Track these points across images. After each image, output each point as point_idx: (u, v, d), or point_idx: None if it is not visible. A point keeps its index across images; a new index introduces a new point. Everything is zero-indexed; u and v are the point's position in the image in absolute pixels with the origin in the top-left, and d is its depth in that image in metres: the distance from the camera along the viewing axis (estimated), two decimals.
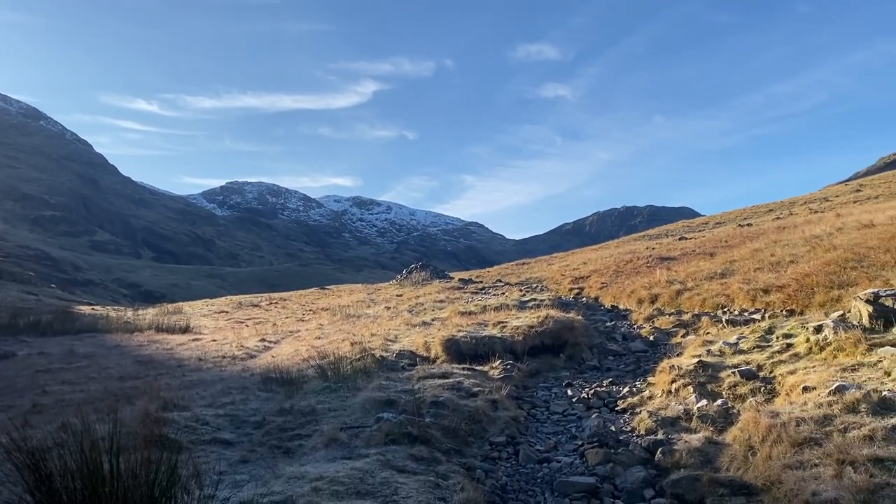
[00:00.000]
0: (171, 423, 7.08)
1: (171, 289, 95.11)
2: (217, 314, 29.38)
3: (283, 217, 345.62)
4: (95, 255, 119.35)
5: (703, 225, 45.65)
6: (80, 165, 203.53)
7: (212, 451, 6.41)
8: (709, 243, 24.77)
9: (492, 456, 6.39)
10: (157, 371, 12.99)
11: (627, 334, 12.41)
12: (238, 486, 5.07)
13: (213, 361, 13.73)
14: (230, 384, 10.12)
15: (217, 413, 7.86)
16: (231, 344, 16.46)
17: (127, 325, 23.49)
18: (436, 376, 8.83)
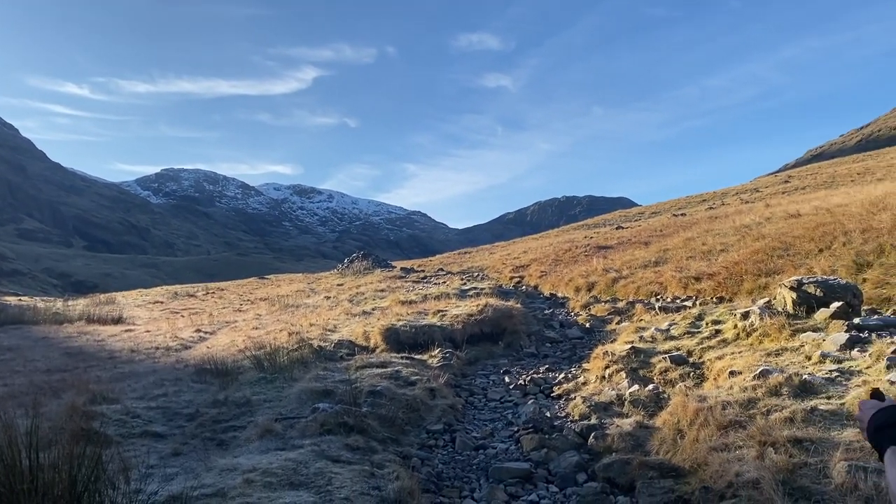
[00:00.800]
0: (100, 416, 6.87)
1: (104, 279, 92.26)
2: (152, 304, 28.64)
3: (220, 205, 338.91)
4: (23, 244, 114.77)
5: (640, 215, 46.67)
6: (5, 150, 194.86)
7: (142, 444, 6.24)
8: (644, 233, 25.33)
9: (428, 444, 6.41)
10: (87, 363, 12.58)
11: (565, 321, 12.61)
12: (168, 479, 4.96)
13: (147, 353, 13.37)
14: (163, 376, 9.87)
15: (149, 405, 7.66)
16: (165, 335, 16.06)
17: (56, 317, 22.66)
18: (374, 365, 8.80)
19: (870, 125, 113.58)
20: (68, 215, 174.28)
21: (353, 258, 35.58)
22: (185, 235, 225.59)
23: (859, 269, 9.82)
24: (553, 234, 45.01)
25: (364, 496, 4.42)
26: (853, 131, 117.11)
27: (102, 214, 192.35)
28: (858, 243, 10.83)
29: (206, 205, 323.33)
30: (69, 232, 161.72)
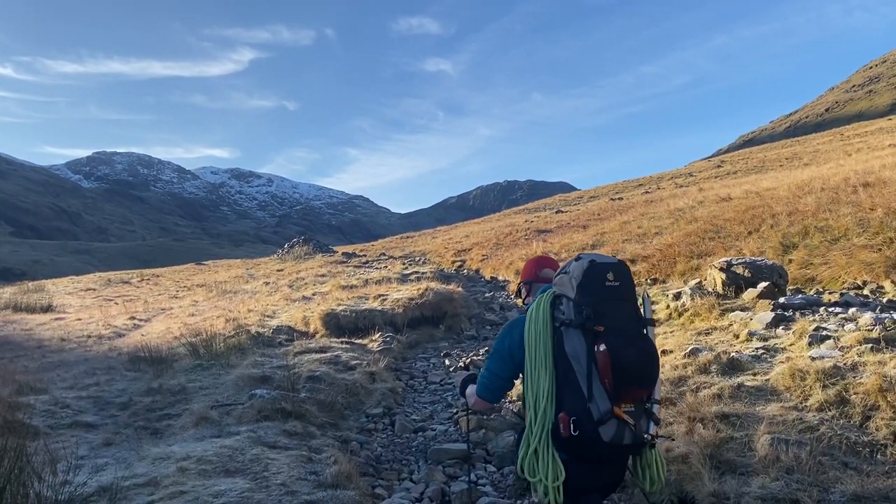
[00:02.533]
0: (27, 407, 6.64)
1: (32, 266, 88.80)
2: (84, 292, 27.73)
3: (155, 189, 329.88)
4: None
5: (579, 199, 47.38)
6: None
7: (72, 435, 6.06)
8: (583, 216, 25.75)
9: (368, 428, 6.41)
10: (14, 353, 12.11)
11: (504, 304, 12.75)
12: (99, 470, 4.83)
13: (78, 341, 12.95)
14: (95, 365, 9.60)
15: (79, 395, 7.44)
16: (98, 323, 15.59)
17: None
18: (314, 351, 8.74)
19: (797, 112, 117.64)
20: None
21: (294, 243, 35.16)
22: (118, 221, 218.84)
23: (786, 250, 10.20)
24: (495, 219, 45.35)
25: (301, 481, 4.39)
26: (782, 118, 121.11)
27: (30, 199, 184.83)
28: (785, 226, 11.24)
29: (140, 189, 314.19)
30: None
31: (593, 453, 2.66)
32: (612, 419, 2.56)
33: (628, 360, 2.55)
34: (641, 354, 2.63)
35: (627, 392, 2.59)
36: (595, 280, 2.69)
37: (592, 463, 2.72)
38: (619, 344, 2.56)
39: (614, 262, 2.80)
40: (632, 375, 2.57)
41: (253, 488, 4.20)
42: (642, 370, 2.61)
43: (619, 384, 2.55)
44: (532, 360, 2.76)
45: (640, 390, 2.64)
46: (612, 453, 2.68)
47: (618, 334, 2.60)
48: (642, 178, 53.00)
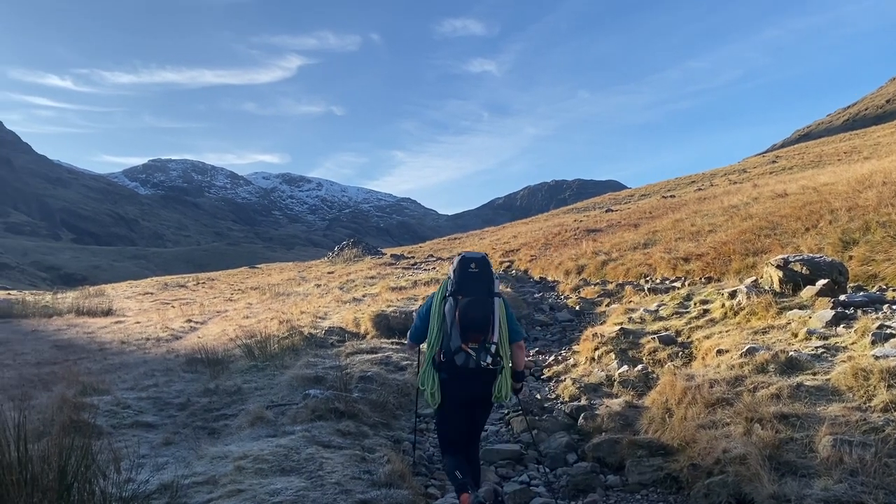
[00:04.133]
0: (91, 407, 6.84)
1: (92, 271, 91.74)
2: (142, 296, 28.54)
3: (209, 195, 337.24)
4: (10, 238, 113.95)
5: (629, 197, 46.77)
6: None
7: (133, 434, 6.24)
8: (633, 215, 25.41)
9: (419, 428, 6.44)
10: (77, 355, 12.54)
11: (554, 305, 12.66)
12: (160, 468, 4.96)
13: (137, 344, 13.34)
14: (154, 366, 9.86)
15: (139, 396, 7.65)
16: (156, 326, 16.03)
17: (45, 310, 22.55)
18: (365, 351, 8.82)
19: (856, 104, 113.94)
20: (55, 208, 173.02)
21: (344, 246, 35.55)
22: (174, 226, 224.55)
23: (845, 246, 9.89)
24: (543, 219, 45.09)
25: (355, 480, 4.44)
26: (840, 111, 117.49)
27: (90, 206, 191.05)
28: (845, 221, 10.90)
29: (194, 195, 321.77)
30: (56, 225, 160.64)
31: (453, 372, 4.23)
32: (461, 352, 4.19)
33: (469, 315, 4.16)
34: (478, 312, 4.19)
35: (470, 335, 4.18)
36: (462, 268, 4.37)
37: (456, 380, 4.26)
38: (466, 306, 4.19)
39: (478, 256, 4.46)
40: (471, 325, 4.17)
41: (308, 487, 4.26)
42: (478, 322, 4.17)
43: (465, 330, 4.18)
44: (432, 317, 4.41)
45: (478, 334, 4.19)
46: (464, 373, 4.21)
47: (469, 301, 4.22)
48: (694, 175, 52.04)
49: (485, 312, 4.19)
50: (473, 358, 4.16)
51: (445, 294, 4.36)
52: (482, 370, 4.19)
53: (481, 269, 4.35)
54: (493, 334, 4.22)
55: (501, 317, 4.31)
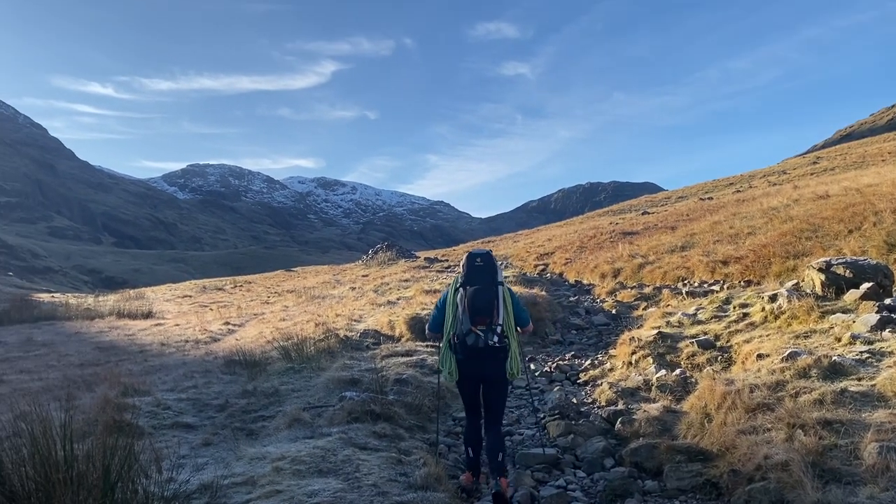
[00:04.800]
0: (132, 408, 6.98)
1: (133, 274, 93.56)
2: (181, 299, 29.02)
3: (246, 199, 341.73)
4: (54, 242, 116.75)
5: (666, 199, 46.23)
6: (34, 150, 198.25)
7: (174, 435, 6.35)
8: (670, 217, 25.11)
9: (455, 431, 6.44)
10: (119, 357, 12.80)
11: (590, 308, 12.55)
12: (199, 468, 5.04)
13: (176, 346, 13.56)
14: (193, 368, 10.01)
15: (179, 397, 7.78)
16: (194, 328, 16.28)
17: (87, 312, 23.07)
18: (400, 354, 8.85)
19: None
20: (97, 212, 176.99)
21: (378, 249, 35.72)
22: (212, 230, 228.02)
23: (890, 249, 9.65)
24: (578, 221, 44.79)
25: (391, 482, 4.46)
26: (884, 110, 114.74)
27: (130, 211, 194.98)
28: (890, 223, 10.64)
29: (231, 199, 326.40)
30: (98, 229, 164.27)
31: (466, 352, 4.90)
32: (471, 333, 4.87)
33: (476, 302, 4.87)
34: (483, 299, 4.88)
35: (478, 318, 4.87)
36: (470, 262, 5.11)
37: (469, 359, 4.92)
38: (473, 294, 4.91)
39: (483, 252, 5.21)
40: (478, 310, 4.86)
41: (345, 489, 4.28)
42: (483, 307, 4.86)
43: (473, 314, 4.87)
44: (447, 307, 5.13)
45: (484, 317, 4.86)
46: (475, 352, 4.88)
47: (475, 290, 4.93)
48: (732, 176, 51.25)
49: (489, 298, 4.91)
50: (482, 338, 4.87)
51: (457, 286, 5.11)
52: (490, 348, 4.89)
53: (486, 263, 5.09)
54: (498, 317, 4.92)
55: (507, 303, 5.06)
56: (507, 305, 5.06)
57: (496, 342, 4.86)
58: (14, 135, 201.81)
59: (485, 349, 4.87)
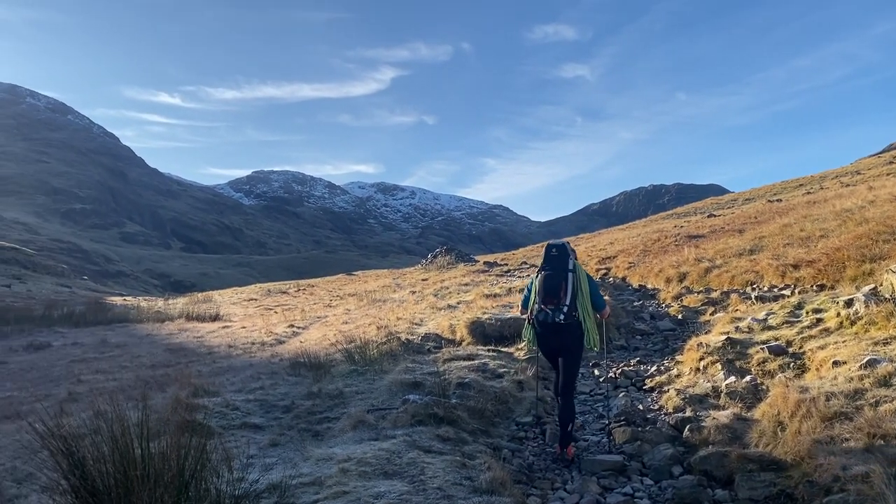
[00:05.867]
0: (202, 408, 7.17)
1: (200, 278, 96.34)
2: (246, 302, 29.71)
3: (308, 205, 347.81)
4: (126, 247, 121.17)
5: (732, 202, 45.04)
6: (107, 158, 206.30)
7: (242, 435, 6.49)
8: (738, 220, 24.46)
9: (518, 436, 6.41)
10: (188, 359, 13.18)
11: (655, 313, 12.32)
12: (268, 468, 5.14)
13: (243, 348, 13.89)
14: (259, 370, 10.23)
15: (247, 398, 7.95)
16: (260, 330, 16.64)
17: (158, 315, 23.85)
18: (461, 358, 8.86)
19: None
20: (166, 218, 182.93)
21: (437, 253, 35.85)
22: (275, 235, 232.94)
23: None
24: (641, 225, 44.04)
25: (456, 486, 4.46)
26: None
27: (198, 217, 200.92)
28: None
29: (295, 205, 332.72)
30: (167, 234, 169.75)
31: (540, 326, 5.95)
32: (543, 311, 5.85)
33: (546, 285, 5.83)
34: (552, 283, 5.81)
35: (548, 299, 5.80)
36: (547, 252, 6.06)
37: (543, 332, 5.96)
38: (544, 278, 5.88)
39: (559, 243, 6.11)
40: (547, 292, 5.81)
41: (411, 491, 4.31)
42: (552, 290, 5.79)
43: (545, 295, 5.82)
44: (531, 287, 6.18)
45: (553, 298, 5.78)
46: (545, 327, 5.89)
47: (547, 275, 5.89)
48: (802, 177, 49.59)
49: (557, 283, 5.80)
50: (550, 315, 5.81)
51: (537, 272, 6.08)
52: (557, 324, 5.79)
53: (559, 252, 5.99)
54: (566, 298, 5.76)
55: (584, 288, 5.90)
56: (583, 288, 5.89)
57: (562, 319, 5.74)
58: (89, 144, 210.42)
59: (553, 325, 5.80)
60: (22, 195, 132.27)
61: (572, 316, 5.75)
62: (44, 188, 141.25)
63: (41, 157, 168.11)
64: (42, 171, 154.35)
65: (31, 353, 16.15)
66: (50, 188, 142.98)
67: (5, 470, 6.40)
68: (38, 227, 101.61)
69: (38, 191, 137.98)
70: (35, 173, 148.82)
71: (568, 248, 6.03)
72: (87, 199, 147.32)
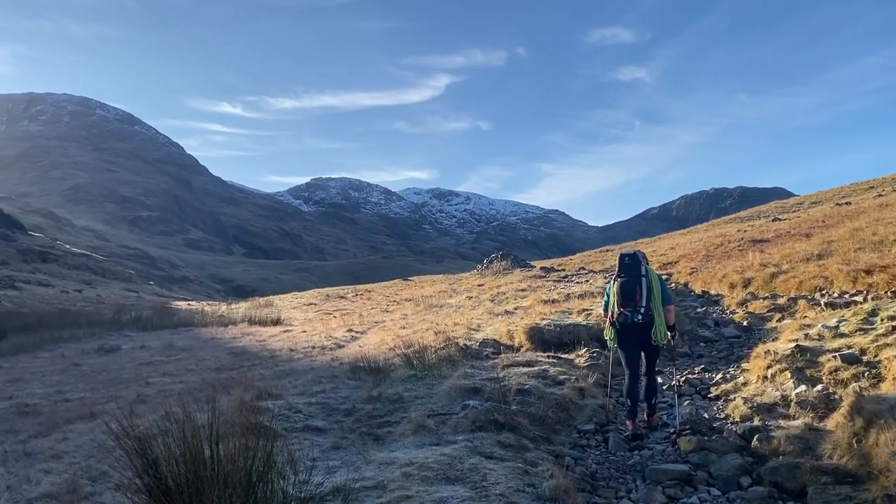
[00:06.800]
0: (266, 411, 7.31)
1: (261, 283, 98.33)
2: (306, 306, 30.19)
3: (365, 211, 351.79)
4: (190, 253, 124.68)
5: (798, 205, 43.67)
6: (173, 167, 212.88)
7: (305, 438, 6.59)
8: (804, 224, 23.71)
9: (580, 443, 6.33)
10: (251, 362, 13.46)
11: (719, 320, 12.02)
12: (331, 471, 5.19)
13: (304, 352, 14.11)
14: (320, 373, 10.38)
15: (309, 401, 8.07)
16: (320, 335, 16.88)
17: (221, 319, 24.44)
18: (520, 364, 8.80)
19: None
20: (228, 225, 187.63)
21: (492, 258, 35.72)
22: (333, 241, 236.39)
23: None
24: (702, 229, 43.08)
25: (519, 493, 4.43)
26: None
27: (259, 223, 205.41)
28: None
29: (351, 211, 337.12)
30: (229, 240, 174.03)
31: (621, 327, 6.69)
32: (622, 313, 6.63)
33: (623, 290, 6.62)
34: (628, 288, 6.60)
35: (625, 302, 6.60)
36: (621, 260, 6.80)
37: (623, 332, 6.71)
38: (621, 284, 6.66)
39: (630, 252, 6.84)
40: (624, 296, 6.61)
41: (473, 497, 4.29)
42: (628, 294, 6.59)
43: (622, 299, 6.62)
44: (609, 293, 6.94)
45: (630, 301, 6.57)
46: (625, 327, 6.66)
47: (623, 281, 6.66)
48: (873, 180, 47.71)
49: (633, 287, 6.61)
50: (629, 316, 6.62)
51: (613, 278, 6.90)
52: (634, 324, 6.61)
53: (632, 260, 6.76)
54: (641, 300, 6.57)
55: (655, 289, 6.63)
56: (655, 289, 6.63)
57: (640, 319, 6.57)
58: (155, 153, 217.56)
59: (633, 325, 6.61)
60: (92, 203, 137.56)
61: (648, 315, 6.55)
62: (112, 196, 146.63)
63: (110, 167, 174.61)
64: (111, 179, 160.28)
65: (101, 356, 16.76)
66: (118, 196, 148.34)
67: (81, 468, 6.65)
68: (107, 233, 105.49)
69: (107, 199, 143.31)
70: (104, 182, 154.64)
71: (639, 256, 6.81)
72: (153, 206, 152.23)
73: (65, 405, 10.84)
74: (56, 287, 44.18)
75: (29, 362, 16.53)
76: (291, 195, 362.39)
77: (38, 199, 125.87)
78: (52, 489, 6.03)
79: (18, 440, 8.61)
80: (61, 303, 34.37)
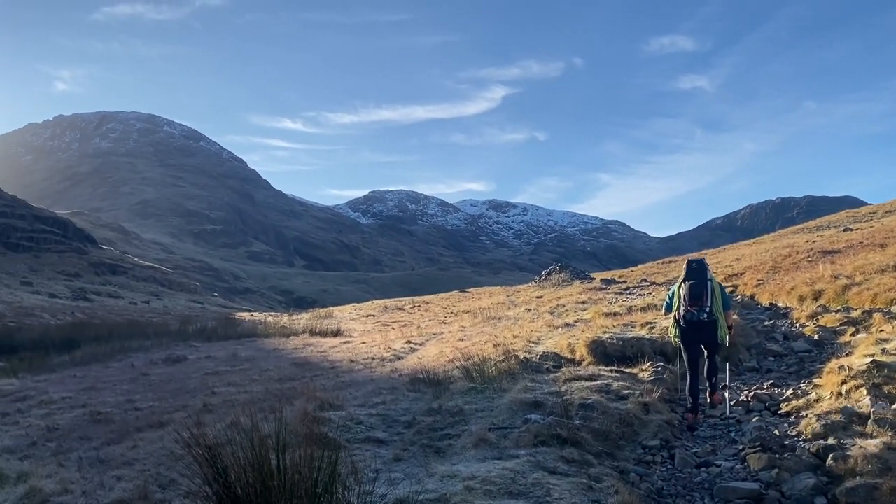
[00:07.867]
0: (328, 422, 7.38)
1: (321, 294, 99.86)
2: (364, 318, 30.49)
3: (422, 223, 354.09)
4: (252, 265, 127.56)
5: (871, 214, 42.04)
6: (236, 182, 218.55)
7: (366, 449, 6.62)
8: (878, 234, 22.79)
9: (645, 460, 6.19)
10: (313, 373, 13.65)
11: (788, 333, 11.63)
12: (393, 483, 5.20)
13: (364, 363, 14.23)
14: (380, 385, 10.44)
15: (370, 412, 8.12)
16: (379, 346, 17.00)
17: (283, 330, 24.89)
18: (582, 378, 8.68)
19: None
20: (289, 237, 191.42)
21: (551, 270, 35.42)
22: (390, 252, 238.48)
23: None
24: (769, 239, 41.84)
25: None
26: None
27: (318, 235, 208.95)
28: None
29: (409, 223, 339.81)
30: (290, 252, 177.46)
31: (686, 325, 7.73)
32: (689, 311, 7.64)
33: (692, 291, 7.64)
34: (697, 290, 7.62)
35: (692, 302, 7.62)
36: (688, 266, 7.94)
37: (687, 328, 7.74)
38: (690, 286, 7.69)
39: (697, 259, 8.05)
40: (693, 297, 7.63)
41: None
42: (697, 294, 7.60)
43: (690, 299, 7.65)
44: (675, 294, 8.00)
45: (697, 301, 7.59)
46: (691, 324, 7.67)
47: (692, 283, 7.69)
48: None
49: (700, 290, 7.61)
50: (696, 315, 7.58)
51: (680, 282, 7.89)
52: (699, 321, 7.58)
53: (698, 266, 7.82)
54: (707, 301, 7.55)
55: (716, 292, 7.68)
56: (716, 294, 7.66)
57: (705, 318, 7.55)
58: (219, 168, 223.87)
59: (697, 322, 7.58)
60: (159, 217, 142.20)
61: (712, 314, 7.56)
62: (178, 210, 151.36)
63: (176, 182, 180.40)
64: (177, 194, 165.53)
65: (168, 366, 17.26)
66: (184, 210, 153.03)
67: (151, 475, 6.84)
68: (174, 246, 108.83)
69: (173, 213, 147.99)
70: (171, 196, 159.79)
71: (705, 262, 7.93)
72: (217, 220, 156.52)
73: (135, 413, 11.20)
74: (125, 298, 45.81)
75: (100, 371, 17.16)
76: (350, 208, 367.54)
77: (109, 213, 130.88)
78: (124, 495, 6.22)
79: (92, 447, 8.93)
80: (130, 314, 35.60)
